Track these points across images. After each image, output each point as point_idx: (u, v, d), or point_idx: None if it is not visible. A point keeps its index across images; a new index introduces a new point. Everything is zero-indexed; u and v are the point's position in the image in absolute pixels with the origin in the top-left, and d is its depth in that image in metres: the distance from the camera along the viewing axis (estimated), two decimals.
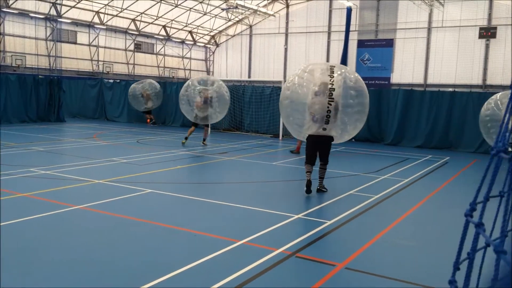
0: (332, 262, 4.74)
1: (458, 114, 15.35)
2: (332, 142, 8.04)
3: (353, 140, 16.97)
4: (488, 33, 31.41)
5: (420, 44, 34.65)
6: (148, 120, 21.53)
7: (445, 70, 33.56)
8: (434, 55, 34.18)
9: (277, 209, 6.92)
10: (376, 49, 35.11)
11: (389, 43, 34.93)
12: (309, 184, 7.85)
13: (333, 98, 7.51)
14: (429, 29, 34.30)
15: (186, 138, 14.33)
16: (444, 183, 9.54)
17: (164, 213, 6.61)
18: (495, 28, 31.23)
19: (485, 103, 12.35)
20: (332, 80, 7.56)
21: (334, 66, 7.89)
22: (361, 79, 8.10)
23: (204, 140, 14.39)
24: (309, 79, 7.87)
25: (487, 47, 32.10)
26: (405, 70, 34.94)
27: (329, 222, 6.19)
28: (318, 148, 7.96)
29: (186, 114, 14.85)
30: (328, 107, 7.51)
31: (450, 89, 22.28)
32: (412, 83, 32.58)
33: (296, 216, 6.47)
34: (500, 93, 12.72)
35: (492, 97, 12.42)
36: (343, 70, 7.93)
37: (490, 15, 31.70)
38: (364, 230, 6.11)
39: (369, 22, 36.14)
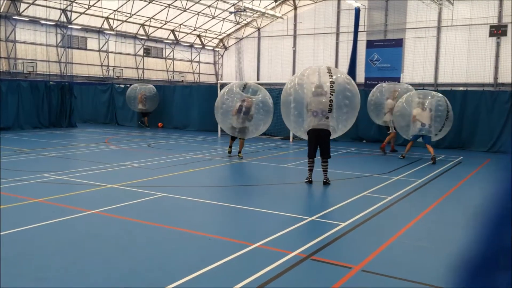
0: (348, 265, 4.69)
1: (471, 113, 15.18)
2: (330, 137, 8.85)
3: (364, 141, 16.88)
4: (498, 31, 31.10)
5: (430, 43, 34.41)
6: (146, 123, 21.83)
7: (456, 69, 33.27)
8: (444, 54, 33.91)
9: (291, 211, 6.88)
10: (386, 49, 34.92)
11: (399, 43, 34.73)
12: (309, 183, 8.85)
13: (334, 92, 8.49)
14: (438, 28, 34.06)
15: (230, 147, 12.75)
16: (458, 183, 9.43)
17: (178, 216, 6.61)
18: (506, 26, 30.92)
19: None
20: (332, 79, 8.58)
21: (331, 69, 8.90)
22: (353, 82, 9.22)
23: (239, 152, 12.43)
24: (308, 81, 8.82)
25: (498, 45, 31.79)
26: (415, 70, 34.71)
27: (343, 224, 6.14)
28: (318, 142, 8.76)
29: (221, 124, 13.11)
30: (330, 101, 8.51)
31: (462, 88, 22.08)
32: (423, 82, 32.35)
33: (310, 218, 6.43)
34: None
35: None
36: (338, 75, 8.90)
37: (500, 13, 31.38)
38: (379, 231, 6.05)
39: (377, 22, 35.99)
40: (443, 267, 4.86)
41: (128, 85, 24.87)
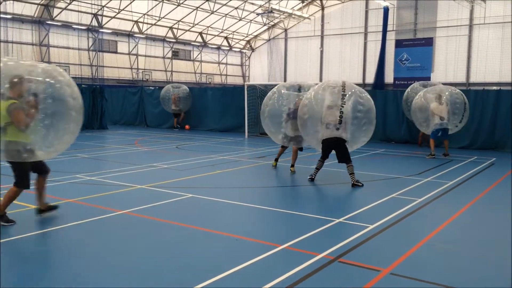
0: (376, 268, 4.64)
1: (504, 113, 14.75)
2: (346, 144, 9.09)
3: (393, 142, 16.63)
4: None
5: (461, 42, 33.61)
6: (177, 126, 22.03)
7: (488, 68, 32.35)
8: (476, 53, 33.03)
9: (318, 213, 6.86)
10: (415, 48, 34.33)
11: (429, 42, 34.07)
12: (311, 180, 9.32)
13: (344, 102, 8.89)
14: (470, 26, 33.23)
15: (276, 160, 11.13)
16: (491, 185, 9.18)
17: (205, 217, 6.68)
18: None
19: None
20: (344, 98, 8.94)
21: (346, 83, 9.17)
22: (369, 97, 9.42)
23: (292, 166, 10.55)
24: (323, 97, 9.20)
25: None
26: (446, 69, 33.95)
27: (371, 226, 6.07)
28: (332, 148, 9.15)
29: (269, 134, 10.97)
30: (340, 114, 8.89)
31: (495, 88, 21.48)
32: (454, 82, 31.58)
33: (338, 220, 6.39)
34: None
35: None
36: (353, 90, 9.14)
37: None
38: (408, 234, 5.96)
39: (407, 22, 35.39)
40: (474, 271, 4.75)
41: (158, 87, 25.29)
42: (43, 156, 6.07)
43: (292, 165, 10.56)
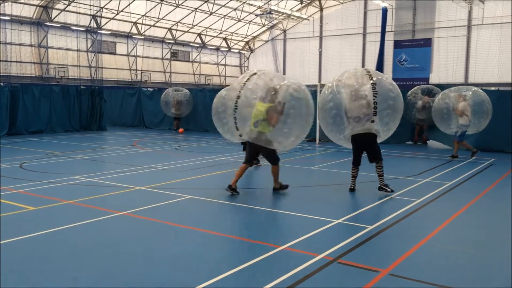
0: (376, 268, 4.64)
1: (503, 113, 14.73)
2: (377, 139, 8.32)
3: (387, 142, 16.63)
4: None
5: (460, 42, 33.67)
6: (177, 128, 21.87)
7: (487, 68, 32.40)
8: (475, 53, 33.09)
9: (317, 214, 6.85)
10: (414, 49, 34.37)
11: (427, 43, 34.12)
12: (352, 190, 8.42)
13: (377, 92, 7.96)
14: (469, 27, 33.28)
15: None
16: (490, 186, 9.18)
17: (204, 218, 6.67)
18: None
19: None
20: (373, 81, 8.08)
21: (370, 71, 8.34)
22: (395, 84, 8.50)
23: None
24: (347, 84, 8.24)
25: None
26: (445, 70, 34.00)
27: (370, 227, 6.07)
28: (363, 148, 8.35)
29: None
30: (374, 103, 7.95)
31: (493, 88, 21.48)
32: (452, 83, 31.62)
33: (337, 221, 6.39)
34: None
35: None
36: (379, 76, 8.30)
37: None
38: (407, 235, 5.95)
39: (405, 22, 35.44)
40: (474, 271, 4.74)
41: (156, 89, 25.23)
42: (277, 147, 8.13)
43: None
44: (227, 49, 44.21)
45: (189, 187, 8.71)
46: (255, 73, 8.20)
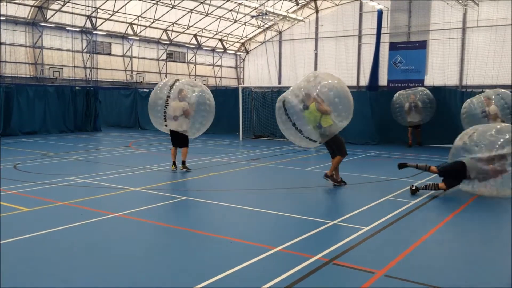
0: (371, 270, 4.64)
1: None
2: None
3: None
4: None
5: (454, 44, 33.83)
6: None
7: (482, 71, 32.55)
8: (469, 55, 33.25)
9: (312, 215, 6.85)
10: (409, 51, 34.47)
11: (422, 45, 34.23)
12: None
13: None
14: (464, 29, 33.45)
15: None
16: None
17: (199, 220, 6.65)
18: None
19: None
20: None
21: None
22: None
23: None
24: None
25: None
26: (440, 72, 34.13)
27: (366, 228, 6.07)
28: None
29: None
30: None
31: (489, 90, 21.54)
32: (447, 85, 31.79)
33: (332, 223, 6.38)
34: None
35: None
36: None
37: None
38: (403, 236, 5.96)
39: (401, 24, 35.56)
40: (469, 272, 4.75)
41: (152, 90, 25.14)
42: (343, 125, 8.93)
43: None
44: (222, 50, 44.19)
45: (184, 188, 8.68)
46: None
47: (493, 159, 7.83)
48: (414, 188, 8.33)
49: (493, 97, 12.92)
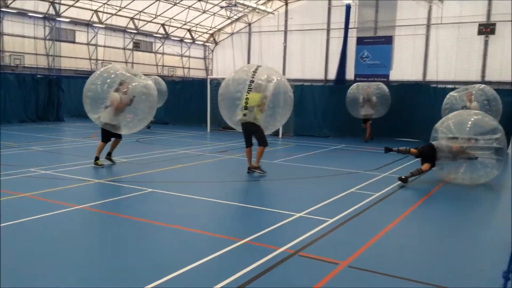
0: (335, 261, 4.71)
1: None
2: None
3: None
4: (487, 29, 31.39)
5: (419, 41, 34.63)
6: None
7: (444, 67, 33.53)
8: (433, 52, 34.15)
9: (278, 207, 6.90)
10: (375, 46, 34.99)
11: (388, 40, 34.84)
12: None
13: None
14: (428, 26, 34.26)
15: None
16: (446, 180, 9.49)
17: (165, 212, 6.59)
18: (494, 24, 31.22)
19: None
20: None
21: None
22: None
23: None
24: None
25: (486, 43, 32.10)
26: (404, 67, 34.89)
27: (330, 220, 6.16)
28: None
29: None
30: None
31: (450, 86, 22.20)
32: (412, 80, 32.52)
33: (298, 215, 6.45)
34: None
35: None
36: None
37: (489, 11, 31.67)
38: (366, 228, 6.09)
39: (368, 19, 36.07)
40: (430, 263, 4.90)
41: None
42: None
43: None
44: (191, 41, 43.68)
45: (150, 180, 8.57)
46: None
47: (457, 138, 8.61)
48: (403, 178, 8.74)
49: (473, 92, 13.13)
